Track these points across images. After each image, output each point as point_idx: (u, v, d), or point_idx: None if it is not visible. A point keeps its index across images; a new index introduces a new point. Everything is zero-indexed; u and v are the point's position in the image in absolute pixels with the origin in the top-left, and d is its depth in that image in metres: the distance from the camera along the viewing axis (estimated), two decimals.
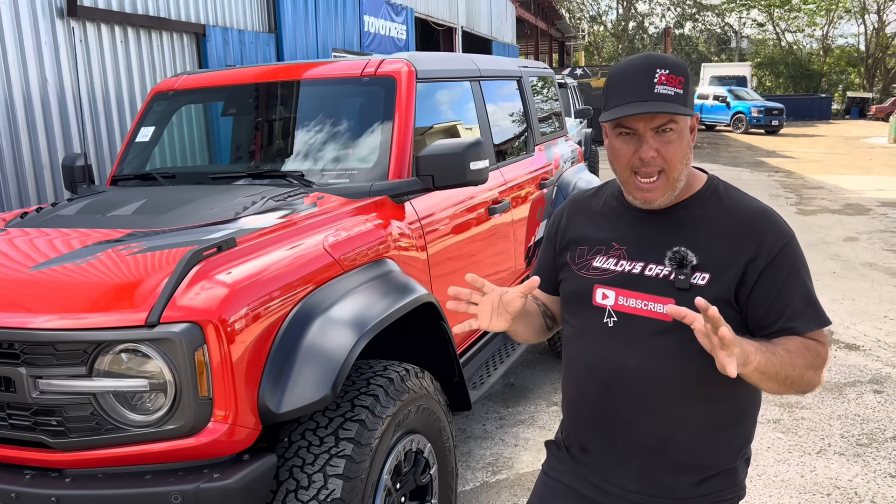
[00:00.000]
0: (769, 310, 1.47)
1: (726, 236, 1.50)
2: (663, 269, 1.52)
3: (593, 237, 1.65)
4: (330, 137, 3.34)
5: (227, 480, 1.92)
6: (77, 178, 3.61)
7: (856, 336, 5.40)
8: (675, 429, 1.54)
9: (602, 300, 1.59)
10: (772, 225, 1.51)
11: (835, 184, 13.70)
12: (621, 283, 1.56)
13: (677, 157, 1.49)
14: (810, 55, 49.37)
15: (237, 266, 2.14)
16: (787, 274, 1.48)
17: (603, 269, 1.60)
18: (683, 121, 1.49)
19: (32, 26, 5.13)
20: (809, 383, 1.46)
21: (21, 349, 1.95)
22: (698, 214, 1.54)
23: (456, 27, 15.86)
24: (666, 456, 1.56)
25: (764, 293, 1.47)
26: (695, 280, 1.48)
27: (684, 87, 1.47)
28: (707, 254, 1.50)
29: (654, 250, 1.54)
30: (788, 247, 1.49)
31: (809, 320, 1.48)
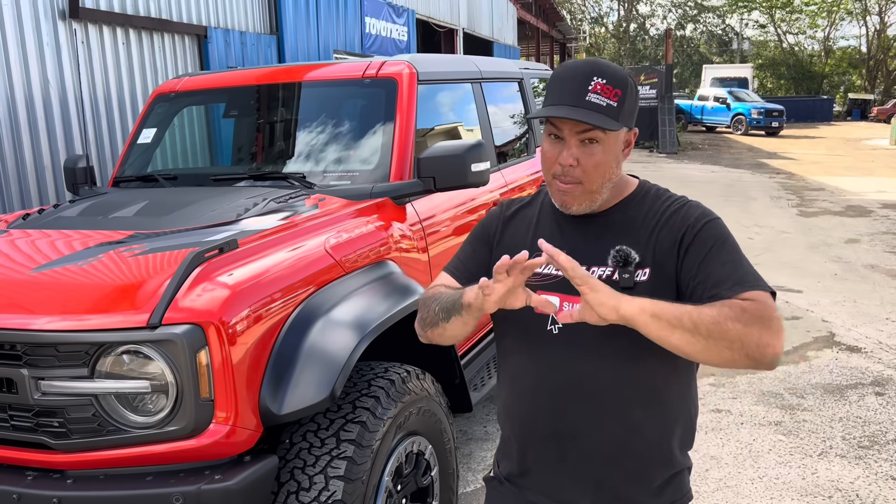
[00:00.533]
0: (696, 283, 1.43)
1: (661, 230, 1.50)
2: (606, 270, 1.49)
3: (531, 243, 1.57)
4: (331, 139, 3.34)
5: (228, 482, 1.92)
6: (79, 180, 3.62)
7: (857, 338, 5.40)
8: (630, 435, 1.51)
9: None
10: (695, 210, 1.51)
11: (836, 185, 13.69)
12: (564, 289, 1.48)
13: (597, 171, 1.47)
14: (811, 57, 49.36)
15: (239, 268, 2.14)
16: (709, 246, 1.44)
17: (544, 274, 1.55)
18: (613, 134, 1.47)
19: (34, 28, 5.14)
20: (746, 341, 1.31)
21: (23, 350, 1.95)
22: (632, 215, 1.54)
23: (457, 29, 15.87)
24: (622, 465, 1.53)
25: (689, 269, 1.44)
26: (638, 277, 1.47)
27: (619, 99, 1.44)
28: (646, 250, 1.49)
29: (594, 253, 1.52)
30: (709, 224, 1.47)
31: (736, 283, 1.38)
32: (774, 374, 4.75)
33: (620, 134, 1.49)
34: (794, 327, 5.67)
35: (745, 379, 4.69)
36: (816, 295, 6.53)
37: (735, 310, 1.33)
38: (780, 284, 6.91)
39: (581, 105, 1.43)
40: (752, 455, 3.70)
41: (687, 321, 1.31)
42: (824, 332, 5.54)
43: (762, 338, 1.32)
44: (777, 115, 27.18)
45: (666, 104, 21.37)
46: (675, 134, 21.30)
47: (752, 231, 9.51)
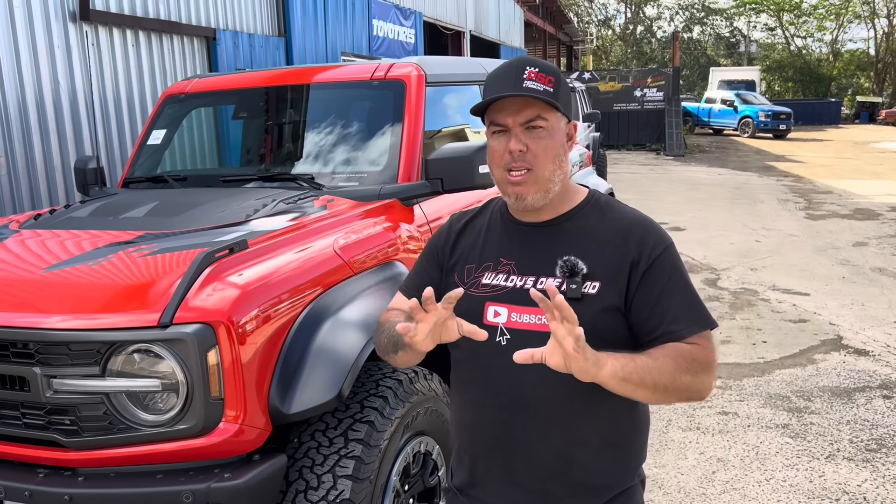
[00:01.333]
0: (651, 314, 1.46)
1: (612, 244, 1.50)
2: (554, 281, 1.49)
3: (481, 254, 1.60)
4: (340, 141, 3.36)
5: (237, 480, 1.93)
6: (89, 181, 3.64)
7: (865, 341, 5.38)
8: (576, 447, 1.50)
9: (494, 318, 1.52)
10: (651, 231, 1.52)
11: (844, 188, 13.65)
12: (513, 299, 1.51)
13: (547, 154, 1.49)
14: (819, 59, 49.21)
15: (249, 268, 2.16)
16: (667, 278, 1.47)
17: (493, 285, 1.55)
18: (554, 119, 1.50)
19: (45, 30, 5.18)
20: (691, 389, 1.42)
21: (35, 349, 1.97)
22: (582, 225, 1.54)
23: (464, 31, 15.89)
24: (568, 477, 1.51)
25: (645, 298, 1.46)
26: (586, 289, 1.47)
27: (554, 86, 1.48)
28: (595, 262, 1.49)
29: (543, 263, 1.52)
30: (667, 252, 1.50)
31: (692, 322, 1.46)
32: (781, 377, 4.74)
33: (562, 121, 1.53)
34: (801, 330, 5.66)
35: (751, 381, 4.68)
36: (824, 298, 6.51)
37: (687, 360, 1.41)
38: (788, 287, 6.90)
39: (520, 90, 1.47)
40: (759, 458, 3.70)
41: (649, 381, 1.38)
42: (832, 336, 5.53)
43: (704, 383, 1.44)
44: (784, 117, 27.07)
45: (673, 107, 21.36)
46: (681, 136, 21.27)
47: (760, 234, 9.49)
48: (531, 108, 1.48)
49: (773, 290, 6.81)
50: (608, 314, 1.46)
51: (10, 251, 2.48)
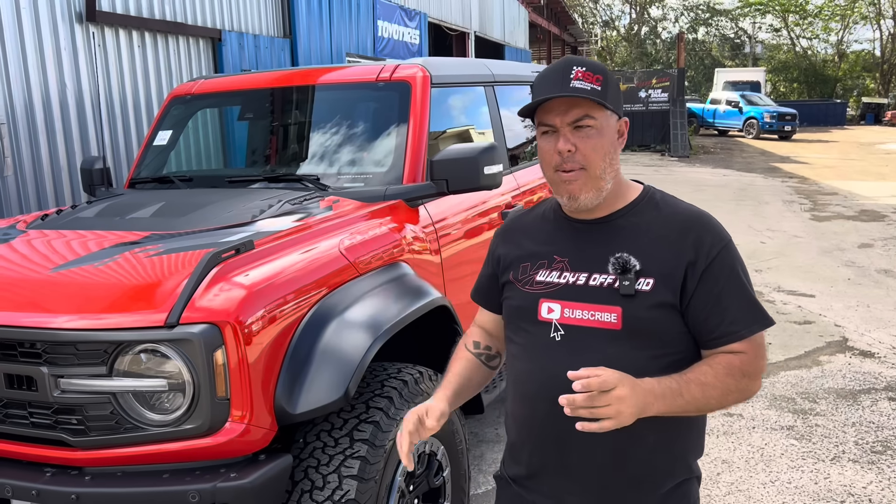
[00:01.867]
0: (710, 314, 1.47)
1: (666, 241, 1.50)
2: (608, 278, 1.50)
3: (535, 252, 1.62)
4: (345, 142, 3.37)
5: (243, 480, 1.94)
6: (95, 181, 3.66)
7: (870, 343, 5.37)
8: (631, 442, 1.49)
9: (548, 314, 1.55)
10: (709, 228, 1.51)
11: (849, 190, 13.61)
12: (566, 296, 1.53)
13: (597, 153, 1.49)
14: (825, 60, 49.08)
15: (255, 268, 2.17)
16: (725, 277, 1.47)
17: (547, 282, 1.57)
18: (603, 117, 1.50)
19: (52, 31, 5.20)
20: (739, 400, 1.49)
21: (43, 349, 1.98)
22: (636, 222, 1.54)
23: (469, 32, 15.90)
24: (623, 471, 1.52)
25: (704, 298, 1.47)
26: (639, 286, 1.47)
27: (602, 84, 1.47)
28: (649, 259, 1.49)
29: (596, 259, 1.52)
30: (726, 250, 1.49)
31: (750, 322, 1.47)
32: (787, 379, 4.73)
33: (612, 119, 1.52)
34: (806, 332, 5.65)
35: None
36: (829, 299, 6.50)
37: (737, 378, 1.45)
38: (793, 289, 6.88)
39: (566, 91, 1.46)
40: (764, 459, 3.69)
41: (692, 409, 1.44)
42: (837, 337, 5.52)
43: (751, 389, 1.49)
44: (790, 118, 27.00)
45: (678, 108, 21.33)
46: (686, 137, 21.24)
47: (765, 235, 9.48)
48: (578, 107, 1.48)
49: (779, 292, 6.80)
50: (661, 310, 1.46)
51: (17, 251, 2.49)
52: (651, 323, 1.47)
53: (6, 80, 4.86)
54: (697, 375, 1.43)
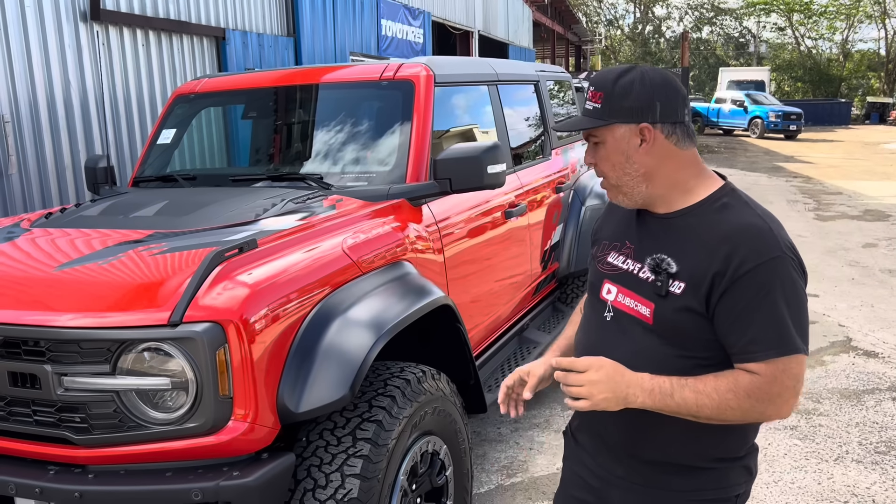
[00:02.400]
0: (731, 329, 1.46)
1: (705, 248, 1.49)
2: (648, 274, 1.57)
3: (613, 233, 1.73)
4: (348, 140, 3.37)
5: (246, 478, 1.94)
6: (99, 180, 3.66)
7: (874, 343, 5.36)
8: (649, 428, 1.56)
9: (606, 294, 1.67)
10: (751, 242, 1.46)
11: (854, 189, 13.58)
12: (623, 281, 1.63)
13: (608, 167, 1.60)
14: (830, 60, 48.94)
15: (258, 267, 2.17)
16: (753, 294, 1.43)
17: (613, 265, 1.68)
18: (606, 132, 1.57)
19: (56, 29, 5.21)
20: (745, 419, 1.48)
21: (46, 347, 1.99)
22: (692, 224, 1.55)
23: (473, 31, 15.89)
24: (641, 450, 1.62)
25: (727, 312, 1.46)
26: (672, 288, 1.52)
27: (602, 99, 1.56)
28: (687, 264, 1.51)
29: (650, 253, 1.59)
30: (763, 267, 1.43)
31: (770, 346, 1.43)
32: None
33: (619, 130, 1.56)
34: (810, 332, 5.63)
35: None
36: (833, 299, 6.49)
37: (739, 397, 1.44)
38: None
39: (583, 114, 1.61)
40: (767, 459, 3.69)
41: (685, 413, 1.48)
42: (841, 337, 5.50)
43: (765, 413, 1.46)
44: (795, 118, 26.84)
45: None
46: None
47: None
48: (588, 126, 1.59)
49: None
50: (687, 314, 1.50)
51: (21, 250, 2.50)
52: (677, 324, 1.52)
53: (11, 78, 4.87)
54: (696, 383, 1.47)
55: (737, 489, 1.63)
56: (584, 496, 1.76)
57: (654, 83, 1.54)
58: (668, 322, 1.52)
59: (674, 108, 1.55)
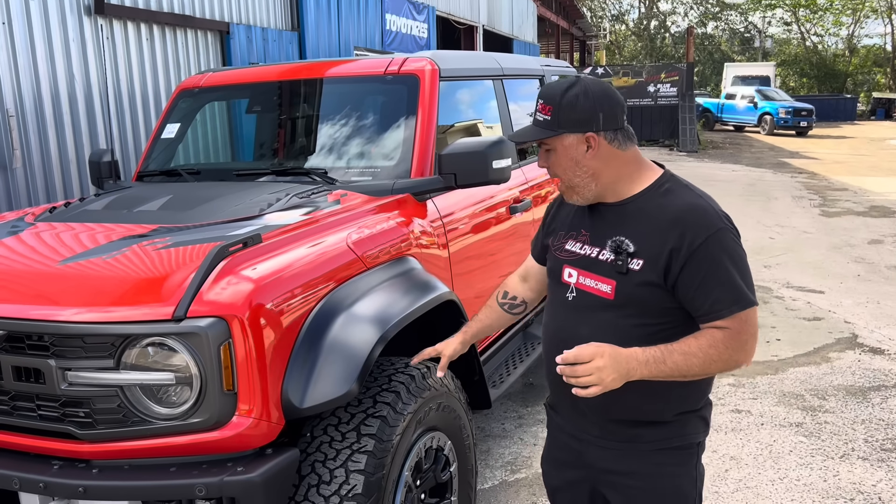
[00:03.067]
0: (695, 295, 1.69)
1: (659, 229, 1.72)
2: (609, 255, 1.78)
3: (570, 224, 1.94)
4: (353, 135, 3.36)
5: (250, 474, 1.94)
6: (103, 174, 3.66)
7: (881, 340, 5.34)
8: (614, 393, 1.71)
9: (567, 278, 1.87)
10: (698, 219, 1.71)
11: (859, 185, 13.53)
12: (582, 265, 1.84)
13: (561, 170, 1.82)
14: (835, 55, 48.71)
15: (262, 262, 2.16)
16: (708, 264, 1.68)
17: (571, 251, 1.89)
18: (556, 140, 1.79)
19: (61, 23, 5.20)
20: (725, 369, 1.72)
21: (50, 341, 1.98)
22: (643, 207, 1.78)
23: (477, 26, 15.85)
24: (614, 412, 1.83)
25: (688, 282, 1.69)
26: (631, 265, 1.73)
27: (552, 112, 1.77)
28: (642, 243, 1.73)
29: (606, 238, 1.80)
30: (713, 238, 1.68)
31: (731, 304, 1.68)
32: (795, 376, 4.71)
33: (567, 139, 1.78)
34: (815, 328, 5.62)
35: (765, 379, 4.65)
36: (839, 296, 6.46)
37: (719, 350, 1.67)
38: (802, 285, 6.85)
39: (534, 125, 1.83)
40: (773, 456, 3.68)
41: (677, 374, 1.69)
42: (847, 334, 5.48)
43: (738, 360, 1.71)
44: (806, 114, 26.44)
45: (687, 102, 21.22)
46: (695, 132, 21.13)
47: (774, 231, 9.43)
48: (538, 136, 1.81)
49: (788, 288, 6.77)
50: (647, 288, 1.72)
51: (25, 244, 2.49)
52: (638, 297, 1.73)
53: (15, 72, 4.87)
54: (681, 346, 1.68)
55: (696, 437, 1.88)
56: (565, 457, 2.00)
57: (596, 96, 1.76)
58: (629, 296, 1.74)
59: (614, 116, 1.77)
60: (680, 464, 1.87)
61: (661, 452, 1.84)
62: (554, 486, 2.11)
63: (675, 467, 1.87)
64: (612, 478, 1.89)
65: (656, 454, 1.84)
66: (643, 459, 1.84)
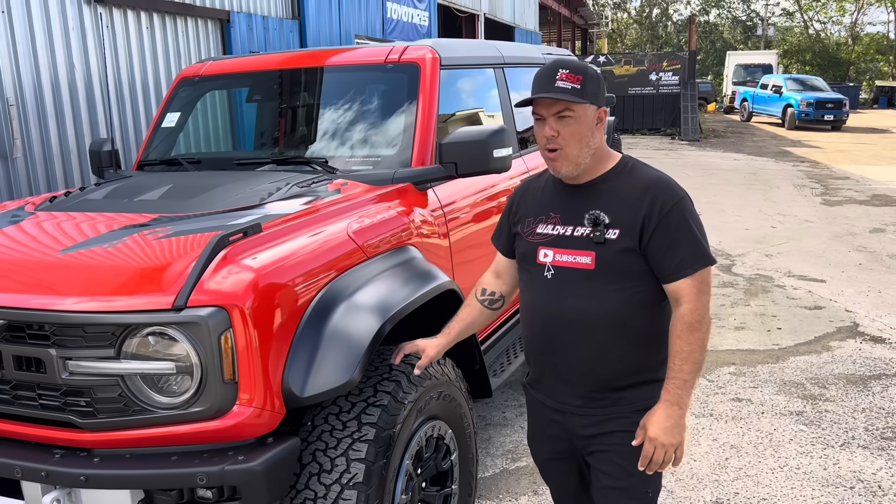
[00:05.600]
0: (664, 256, 1.87)
1: (630, 200, 1.90)
2: (585, 230, 1.93)
3: (537, 209, 2.06)
4: (353, 124, 3.35)
5: (251, 463, 1.94)
6: (104, 163, 3.65)
7: (881, 328, 5.34)
8: (601, 354, 1.95)
9: (543, 258, 1.99)
10: (664, 189, 1.91)
11: (861, 174, 13.49)
12: (557, 244, 1.98)
13: (573, 137, 1.90)
14: (838, 43, 48.46)
15: (263, 251, 2.16)
16: (675, 227, 1.86)
17: (544, 233, 2.01)
18: (581, 108, 1.88)
19: (60, 12, 5.18)
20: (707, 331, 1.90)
21: (51, 331, 1.98)
22: (611, 185, 1.95)
23: (479, 14, 15.78)
24: (597, 375, 1.98)
25: (658, 245, 1.87)
26: (608, 235, 1.90)
27: (582, 83, 1.87)
28: (616, 215, 1.90)
29: (579, 215, 1.95)
30: (678, 206, 1.88)
31: (694, 262, 1.87)
32: (796, 364, 4.71)
33: (590, 109, 1.90)
34: (816, 317, 5.62)
35: (766, 368, 4.66)
36: (840, 285, 6.46)
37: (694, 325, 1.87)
38: (804, 274, 6.84)
39: (552, 90, 1.88)
40: (773, 445, 3.68)
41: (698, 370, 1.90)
42: (848, 323, 5.48)
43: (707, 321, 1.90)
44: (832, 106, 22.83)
45: (689, 91, 21.14)
46: (697, 121, 21.06)
47: (776, 220, 9.42)
48: (560, 102, 1.88)
49: (789, 277, 6.76)
50: (625, 254, 1.89)
51: (26, 233, 2.49)
52: (617, 263, 1.90)
53: (15, 61, 4.85)
54: (677, 355, 1.87)
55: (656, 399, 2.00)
56: (550, 431, 2.14)
57: (600, 76, 1.95)
58: (609, 264, 1.90)
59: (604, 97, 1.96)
60: None
61: (640, 412, 1.96)
62: (542, 459, 2.25)
63: None
64: (592, 443, 2.03)
65: (636, 414, 1.96)
66: (623, 420, 1.98)
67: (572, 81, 1.87)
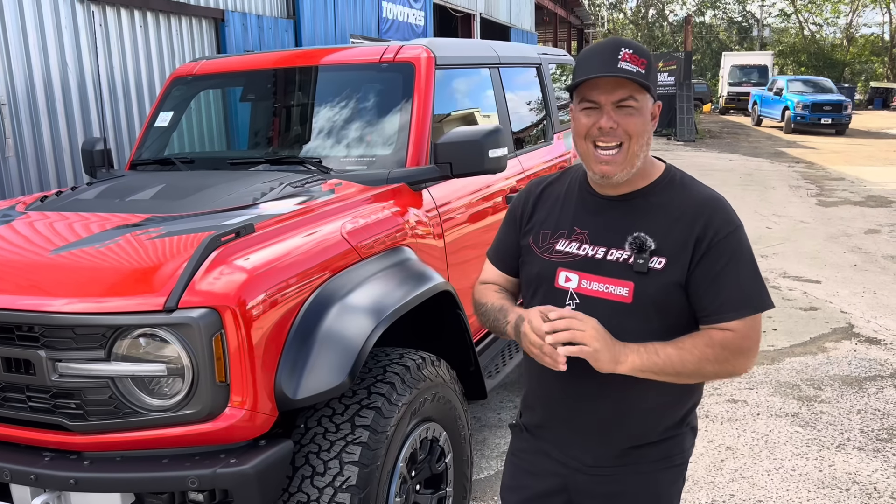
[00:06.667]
0: (706, 292, 1.54)
1: (681, 222, 1.56)
2: (623, 254, 1.58)
3: (557, 221, 1.70)
4: (348, 124, 3.33)
5: (243, 466, 1.92)
6: (96, 163, 3.62)
7: (877, 330, 5.33)
8: (630, 406, 1.62)
9: (565, 283, 1.64)
10: (720, 211, 1.58)
11: (856, 175, 13.52)
12: (584, 267, 1.62)
13: (638, 130, 1.55)
14: (833, 44, 48.57)
15: (255, 252, 2.14)
16: (726, 260, 1.54)
17: (566, 252, 1.65)
18: (644, 99, 1.55)
19: (53, 10, 5.15)
20: (720, 374, 1.56)
21: (41, 332, 1.96)
22: (655, 202, 1.61)
23: (474, 14, 15.76)
24: (625, 429, 1.65)
25: (702, 276, 1.54)
26: (652, 264, 1.55)
27: (646, 67, 1.53)
28: (663, 239, 1.56)
29: (615, 235, 1.60)
30: (733, 235, 1.56)
31: (740, 306, 1.53)
32: (792, 366, 4.71)
33: (650, 102, 1.57)
34: (812, 318, 5.62)
35: (761, 369, 4.65)
36: (835, 285, 6.46)
37: (716, 350, 1.52)
38: (799, 275, 6.84)
39: (614, 71, 1.50)
40: (769, 446, 3.67)
41: (671, 371, 1.52)
42: (843, 324, 5.48)
43: (736, 366, 1.55)
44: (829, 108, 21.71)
45: (684, 91, 21.16)
46: (693, 122, 21.08)
47: (771, 220, 9.42)
48: (624, 88, 1.53)
49: (784, 278, 6.76)
50: (671, 289, 1.55)
51: (16, 233, 2.47)
52: (659, 299, 1.55)
53: (7, 59, 4.81)
54: (676, 341, 1.54)
55: (692, 449, 1.75)
56: (545, 485, 1.77)
57: None
58: (649, 298, 1.55)
59: None
60: (674, 481, 1.73)
61: (663, 471, 1.68)
62: None
63: (671, 485, 1.72)
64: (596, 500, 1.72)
65: (658, 473, 1.68)
66: (640, 478, 1.68)
67: (637, 64, 1.51)
